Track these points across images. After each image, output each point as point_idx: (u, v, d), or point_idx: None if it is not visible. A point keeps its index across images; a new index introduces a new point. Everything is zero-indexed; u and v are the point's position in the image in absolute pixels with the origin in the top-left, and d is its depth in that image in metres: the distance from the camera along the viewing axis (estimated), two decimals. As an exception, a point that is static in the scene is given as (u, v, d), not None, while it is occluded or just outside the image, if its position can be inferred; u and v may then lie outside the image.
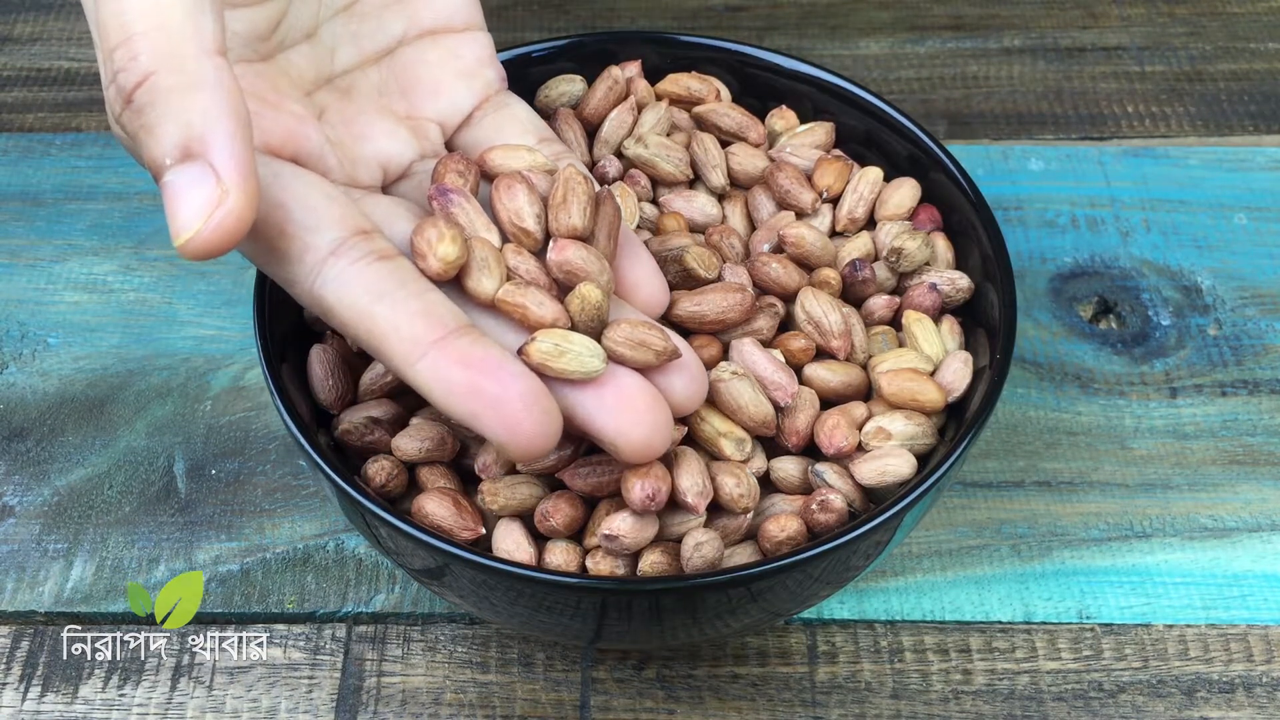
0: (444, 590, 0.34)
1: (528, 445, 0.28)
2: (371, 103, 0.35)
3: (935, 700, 0.38)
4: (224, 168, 0.25)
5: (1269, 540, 0.41)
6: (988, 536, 0.41)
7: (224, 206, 0.25)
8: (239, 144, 0.25)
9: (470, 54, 0.37)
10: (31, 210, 0.50)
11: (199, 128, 0.25)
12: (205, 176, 0.25)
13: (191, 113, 0.25)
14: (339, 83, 0.35)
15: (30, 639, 0.39)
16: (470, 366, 0.28)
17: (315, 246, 0.29)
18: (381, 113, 0.35)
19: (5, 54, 0.56)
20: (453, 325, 0.29)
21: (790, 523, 0.33)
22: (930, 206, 0.39)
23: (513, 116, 0.36)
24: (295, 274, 0.29)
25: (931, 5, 0.58)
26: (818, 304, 0.35)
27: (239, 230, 0.25)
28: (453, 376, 0.28)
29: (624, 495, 0.32)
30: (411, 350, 0.28)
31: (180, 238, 0.25)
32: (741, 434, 0.33)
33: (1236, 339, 0.46)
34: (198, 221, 0.25)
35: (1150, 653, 0.39)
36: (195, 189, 0.25)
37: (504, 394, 0.28)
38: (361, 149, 0.34)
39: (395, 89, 0.36)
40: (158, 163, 0.25)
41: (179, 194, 0.25)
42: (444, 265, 0.30)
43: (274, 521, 0.41)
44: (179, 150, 0.25)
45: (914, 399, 0.34)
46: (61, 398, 0.44)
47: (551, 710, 0.37)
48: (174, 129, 0.25)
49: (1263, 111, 0.53)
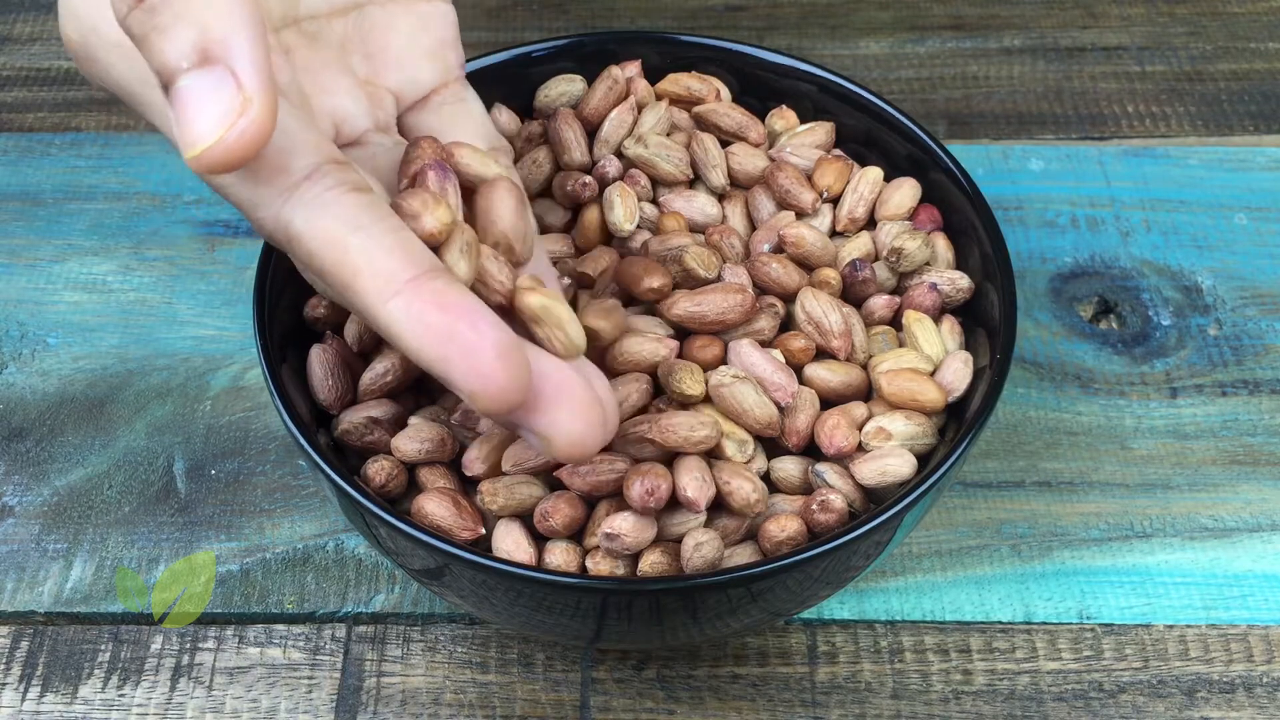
0: (444, 590, 0.34)
1: (498, 396, 0.26)
2: (335, 56, 0.33)
3: (935, 700, 0.38)
4: (246, 74, 0.23)
5: (1269, 540, 0.41)
6: (988, 536, 0.41)
7: (247, 115, 0.24)
8: (260, 49, 0.24)
9: (438, 30, 0.35)
10: (31, 210, 0.50)
11: (219, 30, 0.23)
12: (225, 82, 0.23)
13: (210, 14, 0.23)
14: (305, 27, 0.32)
15: (30, 639, 0.39)
16: (446, 310, 0.26)
17: (288, 169, 0.26)
18: (343, 70, 0.33)
19: (5, 54, 0.56)
20: (427, 265, 0.27)
21: (790, 523, 0.33)
22: (930, 206, 0.39)
23: (468, 113, 0.35)
24: (263, 196, 0.26)
25: (931, 5, 0.58)
26: (818, 304, 0.35)
27: (261, 142, 0.24)
28: (427, 318, 0.26)
29: (624, 493, 0.32)
30: (385, 287, 0.26)
31: (194, 149, 0.24)
32: (744, 435, 0.33)
33: (1237, 339, 0.46)
34: (217, 130, 0.23)
35: (1150, 653, 0.39)
36: (214, 95, 0.23)
37: (479, 342, 0.26)
38: (320, 101, 0.31)
39: (359, 49, 0.33)
40: (169, 67, 0.24)
41: (195, 100, 0.23)
42: (440, 226, 0.28)
43: (274, 521, 0.41)
44: (197, 54, 0.23)
45: (914, 399, 0.34)
46: (61, 398, 0.44)
47: (551, 710, 0.37)
48: (190, 30, 0.23)
49: (1263, 111, 0.53)
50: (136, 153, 0.52)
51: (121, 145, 0.52)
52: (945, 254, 0.38)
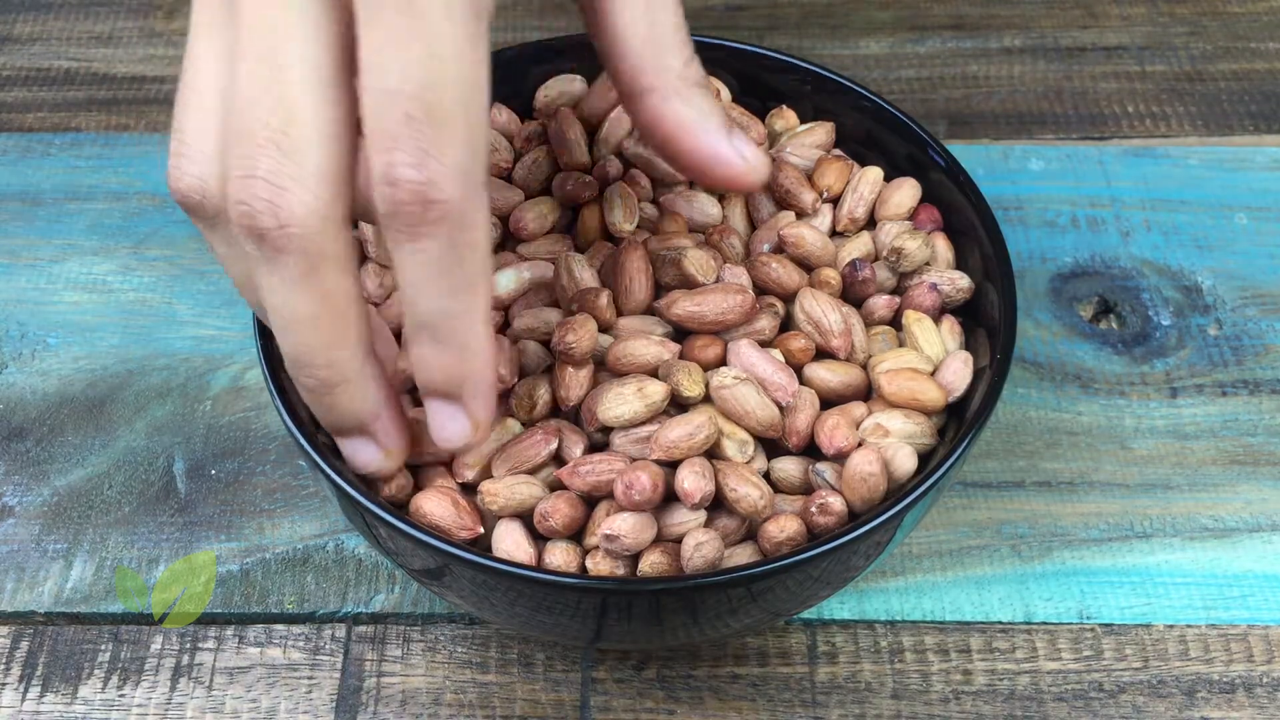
0: (444, 590, 0.34)
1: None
2: None
3: (935, 700, 0.38)
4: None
5: (1269, 540, 0.41)
6: (988, 536, 0.41)
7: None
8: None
9: None
10: (31, 210, 0.50)
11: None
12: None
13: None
14: None
15: (30, 639, 0.39)
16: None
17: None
18: None
19: (5, 54, 0.56)
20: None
21: (790, 523, 0.33)
22: (930, 206, 0.39)
23: None
24: None
25: (931, 5, 0.58)
26: (817, 304, 0.35)
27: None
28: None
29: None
30: None
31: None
32: (744, 435, 0.33)
33: (1237, 339, 0.46)
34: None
35: (1151, 653, 0.39)
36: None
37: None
38: None
39: None
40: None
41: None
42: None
43: (274, 521, 0.41)
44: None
45: (914, 398, 0.34)
46: (61, 398, 0.44)
47: (551, 710, 0.37)
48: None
49: (1263, 111, 0.53)
50: (136, 153, 0.52)
51: (121, 145, 0.52)
52: (945, 254, 0.38)
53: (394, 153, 0.27)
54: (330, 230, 0.28)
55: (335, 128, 0.28)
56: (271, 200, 0.27)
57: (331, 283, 0.29)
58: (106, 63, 0.55)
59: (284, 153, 0.27)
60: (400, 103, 0.27)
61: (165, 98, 0.54)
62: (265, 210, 0.27)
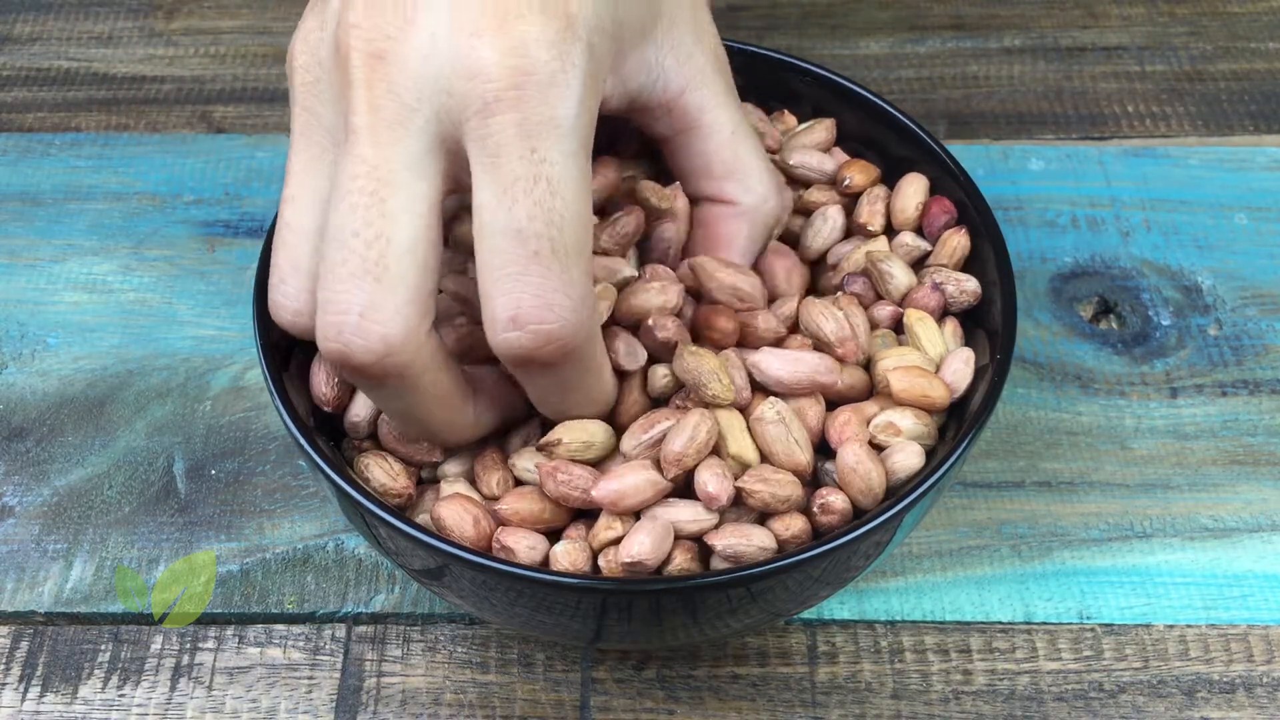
0: (444, 590, 0.34)
1: None
2: None
3: (935, 701, 0.38)
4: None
5: (1269, 540, 0.41)
6: (988, 536, 0.41)
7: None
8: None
9: None
10: (31, 210, 0.50)
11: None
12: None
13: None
14: None
15: (30, 639, 0.39)
16: None
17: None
18: None
19: (5, 54, 0.56)
20: None
21: (795, 521, 0.32)
22: (943, 198, 0.38)
23: None
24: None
25: (931, 5, 0.58)
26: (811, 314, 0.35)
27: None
28: None
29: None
30: None
31: None
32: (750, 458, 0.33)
33: (1237, 339, 0.46)
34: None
35: (1151, 653, 0.39)
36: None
37: None
38: None
39: None
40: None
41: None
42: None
43: (274, 521, 0.41)
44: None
45: (924, 395, 0.34)
46: (61, 398, 0.44)
47: (551, 710, 0.37)
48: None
49: (1263, 111, 0.53)
50: (136, 153, 0.52)
51: (121, 145, 0.52)
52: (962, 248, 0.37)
53: (518, 294, 0.28)
54: (418, 343, 0.29)
55: (429, 252, 0.29)
56: (362, 337, 0.29)
57: (429, 382, 0.30)
58: (106, 63, 0.55)
59: (380, 284, 0.28)
60: (528, 242, 0.28)
61: (165, 98, 0.54)
62: (359, 350, 0.29)
